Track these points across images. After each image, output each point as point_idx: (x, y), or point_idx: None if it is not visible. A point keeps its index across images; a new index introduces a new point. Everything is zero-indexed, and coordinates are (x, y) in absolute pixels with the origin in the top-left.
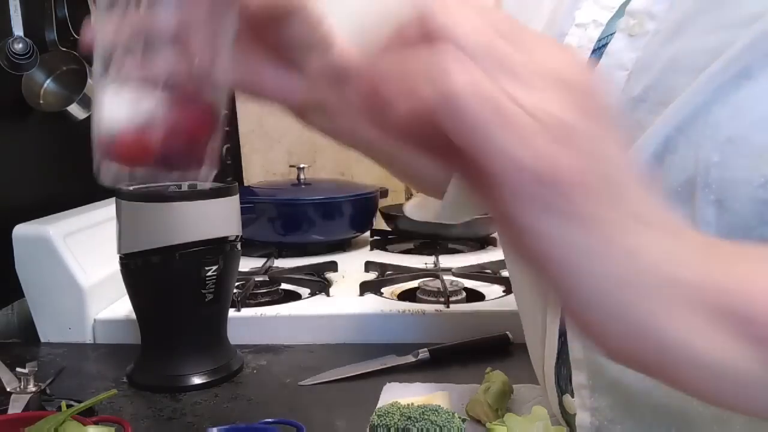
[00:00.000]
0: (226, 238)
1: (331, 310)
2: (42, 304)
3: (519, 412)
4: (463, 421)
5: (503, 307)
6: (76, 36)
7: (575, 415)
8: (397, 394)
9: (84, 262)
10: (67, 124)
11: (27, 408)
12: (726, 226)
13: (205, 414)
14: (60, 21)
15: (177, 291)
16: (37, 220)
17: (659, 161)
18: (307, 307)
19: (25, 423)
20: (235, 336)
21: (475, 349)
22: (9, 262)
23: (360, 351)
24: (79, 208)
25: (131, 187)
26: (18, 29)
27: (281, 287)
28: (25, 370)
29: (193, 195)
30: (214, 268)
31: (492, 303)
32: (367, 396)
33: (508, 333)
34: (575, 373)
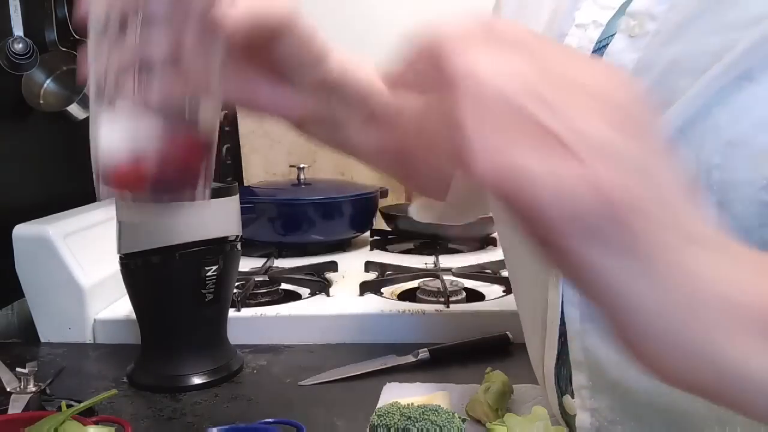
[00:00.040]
0: (226, 238)
1: (331, 310)
2: (42, 304)
3: (519, 412)
4: (463, 421)
5: (503, 307)
6: (76, 36)
7: (575, 415)
8: (397, 394)
9: (84, 262)
10: (67, 124)
11: (27, 408)
12: (727, 228)
13: (205, 414)
14: (60, 21)
15: (177, 291)
16: (37, 220)
17: None
18: (307, 307)
19: (25, 423)
20: (235, 336)
21: (475, 349)
22: (9, 262)
23: (360, 351)
24: (79, 208)
25: None
26: (18, 29)
27: (281, 287)
28: (25, 370)
29: None
30: (214, 268)
31: (492, 303)
32: (367, 396)
33: (508, 333)
34: (575, 373)
